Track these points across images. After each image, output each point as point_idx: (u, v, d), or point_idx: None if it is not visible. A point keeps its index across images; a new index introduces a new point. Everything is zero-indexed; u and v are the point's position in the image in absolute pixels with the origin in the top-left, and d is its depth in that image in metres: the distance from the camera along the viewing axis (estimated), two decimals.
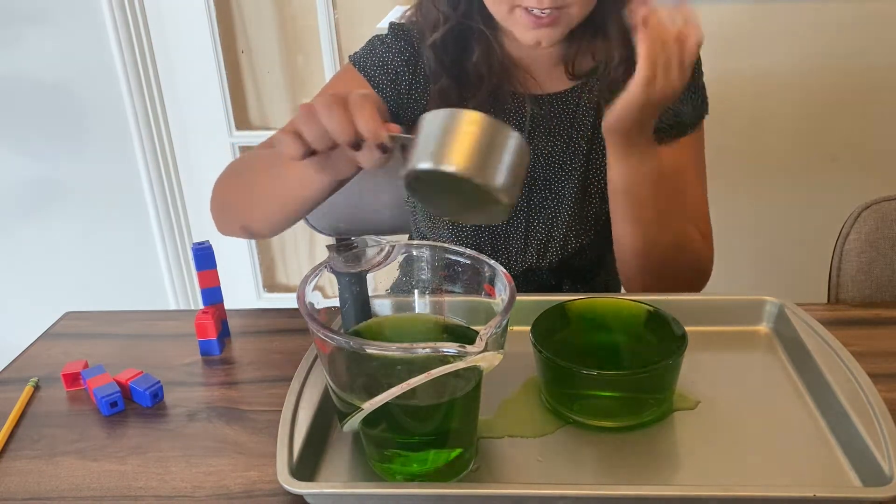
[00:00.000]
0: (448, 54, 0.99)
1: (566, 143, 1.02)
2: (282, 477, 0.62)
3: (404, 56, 1.02)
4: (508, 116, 1.01)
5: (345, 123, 0.65)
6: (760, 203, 1.80)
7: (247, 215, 0.96)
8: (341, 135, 0.65)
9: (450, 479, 0.65)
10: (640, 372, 0.71)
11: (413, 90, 1.02)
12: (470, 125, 0.61)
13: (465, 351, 0.55)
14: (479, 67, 0.98)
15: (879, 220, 1.08)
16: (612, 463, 0.67)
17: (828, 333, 0.78)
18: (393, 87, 1.02)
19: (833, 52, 1.66)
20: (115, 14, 1.73)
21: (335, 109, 0.65)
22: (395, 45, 1.02)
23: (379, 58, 1.02)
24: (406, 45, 1.02)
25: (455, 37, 0.98)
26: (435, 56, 0.99)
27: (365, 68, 1.02)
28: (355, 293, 0.69)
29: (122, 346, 0.89)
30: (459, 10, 0.96)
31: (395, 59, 1.02)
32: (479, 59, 0.98)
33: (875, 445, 0.64)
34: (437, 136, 0.62)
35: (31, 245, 1.98)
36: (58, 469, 0.70)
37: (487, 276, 0.68)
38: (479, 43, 0.98)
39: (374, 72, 1.01)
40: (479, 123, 0.61)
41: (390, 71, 1.02)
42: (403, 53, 1.02)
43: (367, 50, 1.04)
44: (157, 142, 1.88)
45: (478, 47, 0.98)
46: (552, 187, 1.03)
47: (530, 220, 1.05)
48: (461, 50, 0.99)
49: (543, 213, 1.04)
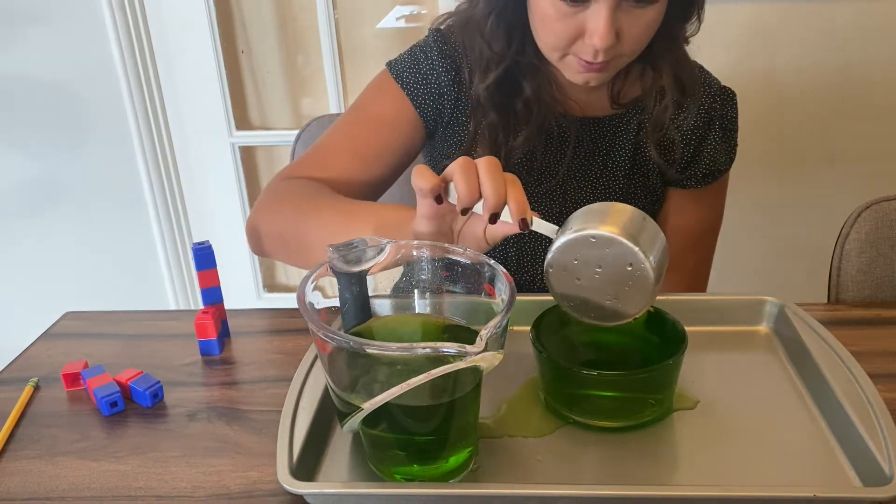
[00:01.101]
0: (500, 94, 0.95)
1: (602, 166, 1.02)
2: (282, 477, 0.62)
3: (450, 75, 0.98)
4: (553, 139, 0.99)
5: (500, 190, 0.67)
6: (760, 203, 1.80)
7: (305, 260, 0.86)
8: (493, 196, 0.67)
9: (450, 479, 0.65)
10: (640, 372, 0.71)
11: (458, 111, 0.99)
12: (624, 210, 0.67)
13: (465, 351, 0.55)
14: (530, 103, 0.96)
15: (879, 220, 1.08)
16: (612, 463, 0.67)
17: (828, 333, 0.78)
18: (435, 105, 0.99)
19: (833, 53, 1.66)
20: (115, 14, 1.73)
21: (496, 175, 0.67)
22: (440, 62, 0.98)
23: (422, 73, 0.99)
24: (452, 64, 0.98)
25: (506, 74, 0.95)
26: (489, 96, 0.95)
27: (405, 82, 0.99)
28: (355, 293, 0.69)
29: (122, 346, 0.89)
30: (513, 48, 0.93)
31: (440, 77, 0.98)
32: (531, 95, 0.95)
33: (875, 445, 0.64)
34: (602, 213, 0.66)
35: (31, 245, 1.98)
36: (58, 469, 0.70)
37: (487, 276, 0.68)
38: (531, 80, 0.95)
39: (415, 87, 0.98)
40: (632, 211, 0.67)
41: (434, 89, 0.99)
42: (450, 71, 0.98)
43: (408, 61, 1.00)
44: (157, 142, 1.88)
45: (529, 84, 0.95)
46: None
47: None
48: (513, 88, 0.96)
49: None
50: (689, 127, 1.00)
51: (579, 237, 0.66)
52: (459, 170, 0.68)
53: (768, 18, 1.64)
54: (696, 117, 0.99)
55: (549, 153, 1.00)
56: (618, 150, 1.01)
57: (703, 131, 1.00)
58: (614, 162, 1.01)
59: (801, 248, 1.73)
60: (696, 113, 0.99)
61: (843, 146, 1.75)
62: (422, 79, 0.99)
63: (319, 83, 1.87)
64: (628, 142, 1.00)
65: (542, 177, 1.01)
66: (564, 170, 1.00)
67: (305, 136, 1.36)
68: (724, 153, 1.02)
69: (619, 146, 1.01)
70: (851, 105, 1.71)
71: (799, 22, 1.64)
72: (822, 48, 1.66)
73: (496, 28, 0.92)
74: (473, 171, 0.68)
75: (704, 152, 1.01)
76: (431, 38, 1.00)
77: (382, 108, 1.00)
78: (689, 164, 1.02)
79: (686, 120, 0.99)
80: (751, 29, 1.65)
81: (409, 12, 1.84)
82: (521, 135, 0.96)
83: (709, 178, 1.03)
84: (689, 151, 1.01)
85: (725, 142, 1.02)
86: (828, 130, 1.74)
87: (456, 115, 1.00)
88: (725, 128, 1.02)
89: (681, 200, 1.05)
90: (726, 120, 1.02)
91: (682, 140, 1.00)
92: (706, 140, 1.01)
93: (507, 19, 0.92)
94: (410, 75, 0.99)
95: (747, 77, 1.68)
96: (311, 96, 1.95)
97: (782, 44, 1.66)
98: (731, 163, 1.04)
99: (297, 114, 1.96)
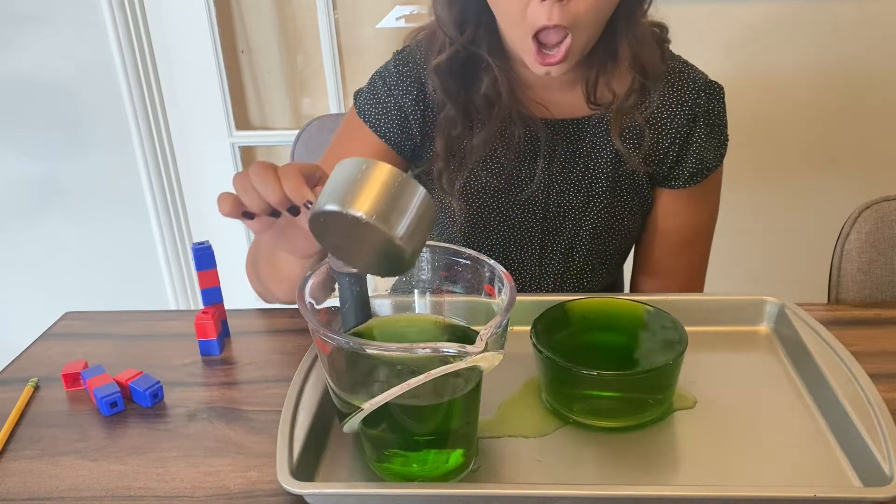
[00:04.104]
0: (455, 81, 0.95)
1: (584, 170, 0.99)
2: (282, 477, 0.62)
3: (411, 95, 0.97)
4: (520, 141, 0.97)
5: (274, 185, 0.68)
6: (761, 203, 1.80)
7: (274, 296, 0.95)
8: (270, 195, 0.68)
9: (450, 479, 0.65)
10: (640, 372, 0.71)
11: (427, 127, 0.98)
12: (378, 174, 0.63)
13: (466, 351, 0.55)
14: (489, 97, 0.94)
15: (879, 220, 1.08)
16: (612, 463, 0.67)
17: (828, 333, 0.78)
18: (403, 132, 0.98)
19: (833, 53, 1.66)
20: (115, 14, 1.73)
21: (267, 175, 0.68)
22: (399, 85, 0.98)
23: (383, 103, 0.98)
24: (412, 83, 0.97)
25: (462, 63, 0.94)
26: (440, 81, 0.94)
27: (369, 117, 0.99)
28: (355, 293, 0.69)
29: (122, 346, 0.89)
30: (466, 36, 0.92)
31: (401, 100, 0.98)
32: (488, 88, 0.94)
33: (875, 445, 0.64)
34: (345, 181, 0.63)
35: (31, 245, 1.98)
36: (58, 469, 0.70)
37: (487, 276, 0.68)
38: (487, 73, 0.94)
39: (379, 121, 0.98)
40: (387, 173, 0.63)
41: (396, 115, 0.98)
42: (410, 91, 0.97)
43: (368, 95, 1.00)
44: (157, 142, 1.88)
45: (486, 77, 0.94)
46: (568, 215, 1.00)
47: (544, 247, 1.03)
48: (468, 78, 0.95)
49: (559, 242, 1.02)
50: (671, 125, 0.97)
51: (322, 212, 0.63)
52: (235, 183, 0.70)
53: (768, 18, 1.64)
54: (680, 114, 0.97)
55: (524, 158, 0.98)
56: (599, 153, 0.98)
57: (688, 128, 0.97)
58: (597, 165, 0.98)
59: (801, 248, 1.73)
60: (679, 110, 0.97)
61: (844, 146, 1.75)
62: (383, 110, 0.98)
63: (319, 83, 1.87)
64: (610, 143, 0.97)
65: (521, 182, 0.99)
66: (543, 174, 0.98)
67: (305, 136, 1.37)
68: (711, 150, 0.99)
69: (601, 148, 0.98)
70: (852, 105, 1.71)
71: (799, 22, 1.64)
72: (822, 48, 1.66)
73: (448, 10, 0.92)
74: (246, 180, 0.69)
75: (691, 150, 0.98)
76: (392, 62, 1.00)
77: (357, 147, 1.00)
78: (675, 162, 0.99)
79: (651, 105, 0.96)
80: (751, 29, 1.65)
81: (409, 12, 1.84)
82: (480, 134, 0.95)
83: (697, 176, 0.99)
84: (674, 150, 0.98)
85: (713, 138, 0.99)
86: (828, 130, 1.74)
87: (426, 132, 0.99)
88: (711, 124, 0.98)
89: (671, 201, 1.02)
90: (712, 115, 0.98)
91: (660, 143, 0.97)
92: (692, 137, 0.97)
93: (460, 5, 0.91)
94: (372, 108, 0.99)
95: (747, 77, 1.68)
96: (311, 96, 1.95)
97: (783, 44, 1.66)
98: (721, 159, 1.01)
99: (296, 114, 1.96)
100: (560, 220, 1.01)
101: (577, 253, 1.03)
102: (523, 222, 1.01)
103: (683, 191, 1.01)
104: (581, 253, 1.03)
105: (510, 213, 1.01)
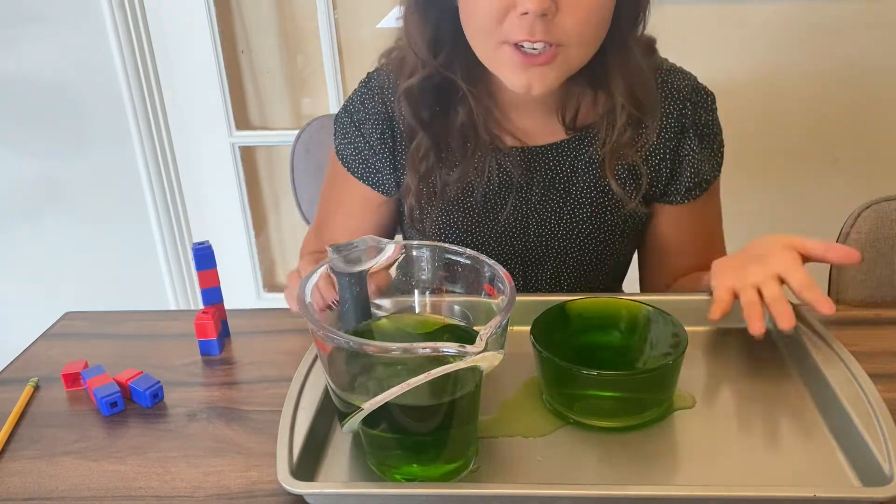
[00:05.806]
0: (427, 108, 0.89)
1: (566, 195, 0.94)
2: (282, 477, 0.62)
3: (377, 132, 0.94)
4: (492, 171, 0.92)
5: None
6: (760, 203, 1.80)
7: None
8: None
9: (450, 479, 0.65)
10: (640, 372, 0.71)
11: (397, 160, 0.95)
12: None
13: (465, 351, 0.55)
14: (465, 133, 0.89)
15: (879, 220, 1.08)
16: (612, 463, 0.67)
17: (828, 333, 0.78)
18: (378, 170, 0.97)
19: (834, 53, 1.66)
20: (115, 14, 1.73)
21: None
22: (367, 122, 0.95)
23: (355, 145, 0.96)
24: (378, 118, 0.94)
25: (434, 88, 0.88)
26: (410, 108, 0.89)
27: (348, 164, 0.98)
28: (355, 293, 0.69)
29: (122, 346, 0.89)
30: (439, 60, 0.87)
31: (370, 138, 0.95)
32: (464, 121, 0.88)
33: (875, 445, 0.63)
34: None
35: (32, 245, 1.98)
36: (58, 469, 0.70)
37: (487, 276, 0.68)
38: (462, 103, 0.88)
39: (357, 167, 0.97)
40: None
41: (369, 156, 0.96)
42: (376, 128, 0.94)
43: (342, 136, 0.98)
44: (157, 142, 1.88)
45: (461, 108, 0.89)
46: (549, 243, 0.97)
47: (527, 278, 1.00)
48: (442, 106, 0.90)
49: (543, 272, 0.99)
50: (659, 140, 0.92)
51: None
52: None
53: (769, 18, 1.64)
54: (666, 127, 0.92)
55: (500, 188, 0.94)
56: (580, 177, 0.93)
57: (677, 141, 0.93)
58: (578, 189, 0.94)
59: None
60: (665, 122, 0.92)
61: (844, 146, 1.75)
62: (358, 154, 0.97)
63: (319, 83, 1.87)
64: (591, 165, 0.93)
65: (497, 214, 0.95)
66: (520, 204, 0.95)
67: (305, 135, 1.37)
68: (707, 161, 0.94)
69: (581, 171, 0.93)
70: (852, 105, 1.71)
71: (802, 22, 1.64)
72: (825, 48, 1.66)
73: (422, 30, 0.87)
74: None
75: (684, 164, 0.93)
76: (358, 92, 0.97)
77: (347, 196, 1.00)
78: (670, 179, 0.95)
79: (647, 141, 0.92)
80: (751, 29, 1.65)
81: None
82: (455, 172, 0.91)
83: (696, 190, 0.95)
84: (666, 166, 0.93)
85: (706, 149, 0.94)
86: (829, 130, 1.74)
87: (397, 165, 0.96)
88: (702, 134, 0.93)
89: (671, 215, 0.98)
90: (701, 125, 0.93)
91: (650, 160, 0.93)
92: (682, 150, 0.93)
93: (433, 20, 0.86)
94: (349, 154, 0.98)
95: (748, 77, 1.68)
96: (311, 96, 1.95)
97: (783, 43, 1.66)
98: (719, 169, 0.96)
99: (296, 114, 1.96)
100: (542, 250, 0.98)
101: (565, 282, 0.99)
102: (500, 255, 0.97)
103: (684, 206, 0.97)
104: (569, 281, 0.99)
105: (486, 246, 0.97)
